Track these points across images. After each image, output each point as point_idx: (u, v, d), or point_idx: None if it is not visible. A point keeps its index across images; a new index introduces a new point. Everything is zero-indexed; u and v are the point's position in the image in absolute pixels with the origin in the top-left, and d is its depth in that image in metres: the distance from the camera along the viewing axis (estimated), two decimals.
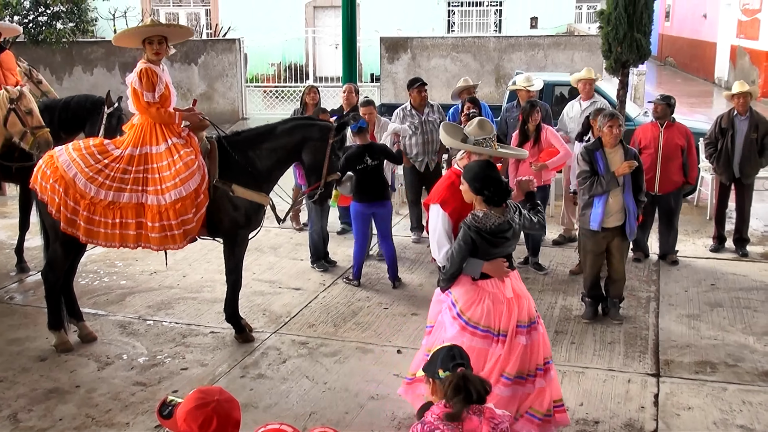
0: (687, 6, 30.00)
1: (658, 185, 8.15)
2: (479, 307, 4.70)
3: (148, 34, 6.19)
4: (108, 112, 8.19)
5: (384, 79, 18.46)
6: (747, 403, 5.53)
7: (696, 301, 7.43)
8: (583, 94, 9.14)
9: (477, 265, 4.65)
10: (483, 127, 4.97)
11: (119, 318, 7.11)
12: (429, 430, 3.13)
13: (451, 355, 3.32)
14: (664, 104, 8.24)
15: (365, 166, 7.64)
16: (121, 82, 18.26)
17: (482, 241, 4.57)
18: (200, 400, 2.78)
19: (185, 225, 6.12)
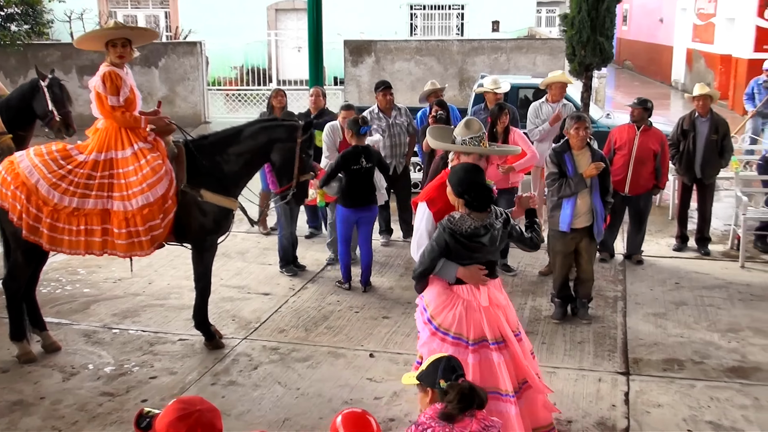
0: (644, 10, 30.49)
1: (628, 187, 8.24)
2: (450, 313, 4.57)
3: (112, 37, 6.07)
4: (46, 84, 8.08)
5: (348, 83, 18.43)
6: (715, 399, 5.61)
7: (661, 300, 7.53)
8: (553, 97, 9.17)
9: (452, 268, 4.55)
10: (470, 127, 4.86)
11: (84, 327, 6.97)
12: (422, 429, 3.21)
13: (451, 366, 3.37)
14: (641, 108, 8.33)
15: (360, 167, 7.61)
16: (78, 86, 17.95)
17: (456, 244, 4.46)
18: (182, 411, 2.73)
19: (153, 231, 6.02)
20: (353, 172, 7.54)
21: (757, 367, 6.11)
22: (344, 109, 8.44)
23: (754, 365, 6.13)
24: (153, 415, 2.84)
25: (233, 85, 20.83)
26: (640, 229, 8.60)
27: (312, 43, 11.76)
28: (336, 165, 7.57)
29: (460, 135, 4.87)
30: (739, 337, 6.64)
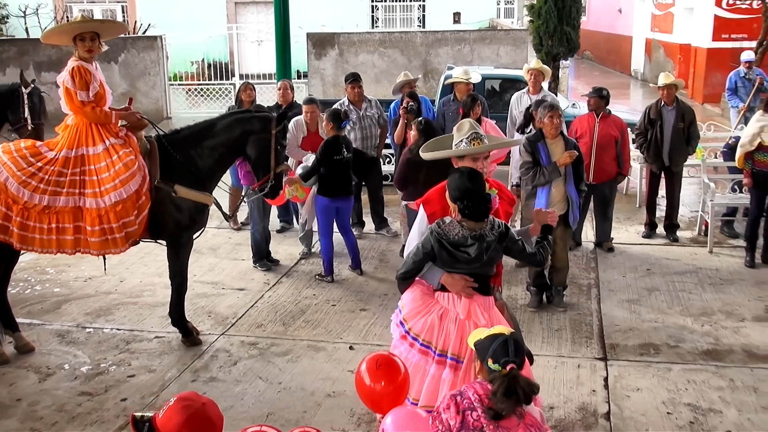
0: (602, 1, 30.82)
1: (592, 175, 8.33)
2: (423, 319, 4.34)
3: (80, 31, 5.94)
4: (27, 92, 7.93)
5: (312, 76, 18.34)
6: (691, 381, 5.72)
7: (634, 287, 7.64)
8: (532, 87, 9.23)
9: (436, 273, 4.34)
10: (461, 129, 4.62)
11: (57, 327, 6.84)
12: (466, 405, 3.09)
13: (505, 349, 3.16)
14: (597, 96, 8.45)
15: (342, 157, 7.62)
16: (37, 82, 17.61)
17: (441, 249, 4.22)
18: (189, 408, 2.71)
19: (127, 228, 5.93)
20: (335, 163, 7.54)
21: (730, 349, 6.23)
22: (307, 103, 8.39)
23: (727, 347, 6.26)
24: (148, 418, 2.80)
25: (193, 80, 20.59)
26: (606, 217, 8.70)
27: (279, 36, 11.67)
28: (320, 156, 7.56)
29: (454, 139, 4.65)
30: (712, 321, 6.77)
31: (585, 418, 5.28)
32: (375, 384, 3.67)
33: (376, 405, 3.74)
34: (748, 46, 17.90)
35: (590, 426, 5.19)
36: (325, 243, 7.85)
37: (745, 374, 5.79)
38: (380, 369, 3.62)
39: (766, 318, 6.81)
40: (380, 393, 3.68)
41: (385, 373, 3.63)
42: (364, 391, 3.74)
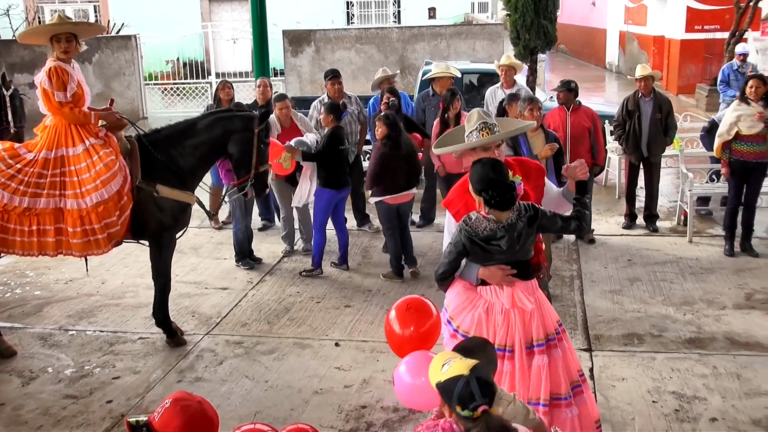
0: None
1: None
2: (469, 314, 4.24)
3: (56, 32, 5.87)
4: (9, 94, 7.83)
5: (288, 73, 18.28)
6: (676, 370, 5.77)
7: (616, 277, 7.70)
8: (505, 82, 9.27)
9: (473, 269, 4.23)
10: (469, 120, 4.43)
11: (39, 330, 6.77)
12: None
13: (469, 392, 2.80)
14: (565, 90, 8.51)
15: (345, 147, 7.69)
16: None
17: (473, 246, 4.11)
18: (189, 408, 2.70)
19: (109, 228, 5.87)
20: (339, 152, 7.59)
21: (712, 337, 6.30)
22: (278, 99, 8.35)
23: (709, 335, 6.32)
24: (144, 422, 2.78)
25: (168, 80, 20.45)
26: None
27: (256, 33, 11.62)
28: (326, 144, 7.61)
29: (465, 131, 4.43)
30: (693, 310, 6.84)
31: None
32: (404, 329, 3.54)
33: (404, 351, 3.57)
34: (721, 37, 18.16)
35: None
36: (320, 238, 7.86)
37: (727, 361, 5.86)
38: (410, 311, 3.53)
39: (747, 306, 6.89)
40: (409, 338, 3.51)
41: (415, 316, 3.53)
42: (393, 338, 3.58)
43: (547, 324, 4.24)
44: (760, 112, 7.67)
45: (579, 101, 8.54)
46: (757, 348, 6.08)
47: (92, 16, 25.78)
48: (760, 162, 7.88)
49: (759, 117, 7.67)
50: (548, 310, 4.31)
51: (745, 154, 7.83)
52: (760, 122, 7.69)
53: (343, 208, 8.12)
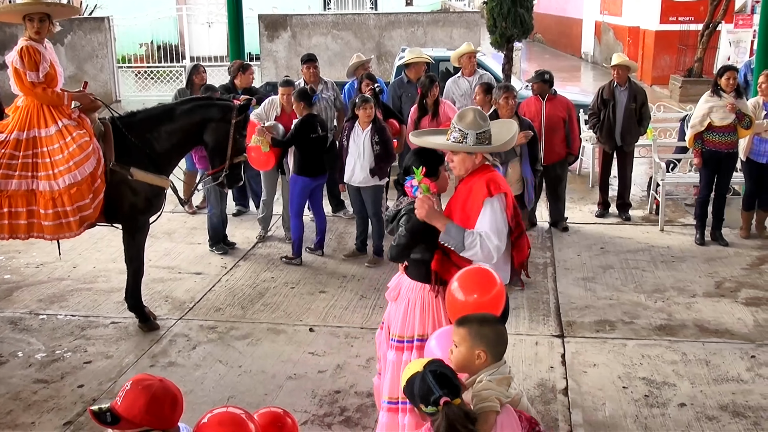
0: None
1: (542, 156, 8.41)
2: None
3: (29, 12, 5.78)
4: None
5: (264, 58, 18.14)
6: (646, 356, 5.85)
7: (589, 265, 7.76)
8: (467, 70, 9.27)
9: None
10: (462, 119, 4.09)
11: (8, 314, 6.69)
12: None
13: (426, 386, 2.76)
14: (540, 81, 8.55)
15: (317, 135, 7.59)
16: None
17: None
18: (150, 388, 2.68)
19: (82, 212, 5.81)
20: (311, 141, 7.51)
21: (682, 324, 6.38)
22: (284, 85, 8.29)
23: (679, 323, 6.41)
24: (107, 408, 2.75)
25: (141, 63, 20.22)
26: (558, 197, 8.82)
27: (232, 17, 11.51)
28: (295, 132, 7.54)
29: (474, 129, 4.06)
30: (664, 297, 6.92)
31: (544, 393, 5.37)
32: (467, 296, 3.47)
33: None
34: (695, 28, 18.31)
35: (549, 401, 5.28)
36: (296, 224, 7.81)
37: (697, 348, 5.94)
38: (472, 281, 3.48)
39: (717, 294, 6.99)
40: (473, 305, 3.40)
41: (479, 283, 3.47)
42: (455, 307, 3.46)
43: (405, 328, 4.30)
44: (731, 103, 7.76)
45: (555, 90, 8.57)
46: (726, 335, 6.18)
47: None
48: (730, 152, 7.99)
49: (731, 108, 7.76)
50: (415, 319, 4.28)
51: (717, 144, 7.93)
52: (732, 113, 7.78)
53: (320, 194, 8.10)
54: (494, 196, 4.03)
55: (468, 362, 3.03)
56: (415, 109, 8.27)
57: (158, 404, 2.67)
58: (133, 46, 21.46)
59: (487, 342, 3.04)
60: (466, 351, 3.03)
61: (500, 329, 3.15)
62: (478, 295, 3.45)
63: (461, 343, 3.05)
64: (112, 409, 2.72)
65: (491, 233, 3.97)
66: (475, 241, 3.97)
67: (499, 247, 3.98)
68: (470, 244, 3.98)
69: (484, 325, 3.09)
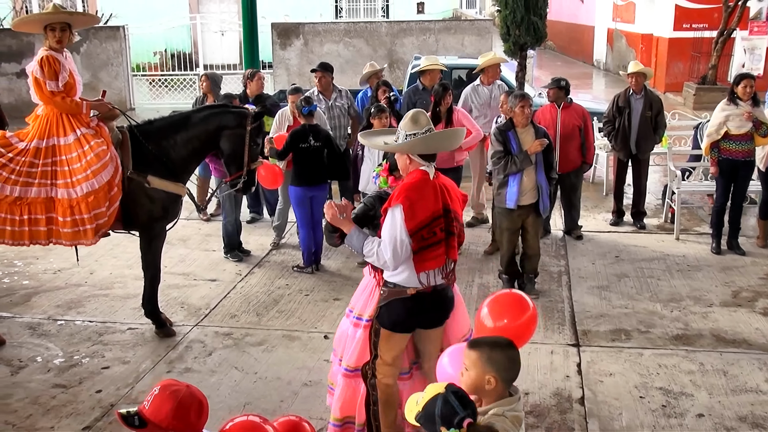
0: None
1: (557, 165, 8.40)
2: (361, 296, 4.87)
3: (50, 21, 5.85)
4: None
5: (277, 66, 18.23)
6: (663, 366, 5.83)
7: (603, 273, 7.75)
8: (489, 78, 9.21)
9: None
10: (415, 121, 4.19)
11: (27, 319, 6.75)
12: None
13: (450, 407, 2.72)
14: (555, 88, 8.54)
15: (308, 145, 7.56)
16: None
17: None
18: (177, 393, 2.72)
19: (98, 219, 5.85)
20: (301, 151, 7.52)
21: (699, 333, 6.36)
22: (292, 93, 8.34)
23: (696, 332, 6.38)
24: (135, 412, 2.79)
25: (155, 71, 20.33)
26: (573, 205, 8.81)
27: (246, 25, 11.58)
28: (286, 144, 7.56)
29: (405, 130, 4.20)
30: (681, 306, 6.90)
31: (560, 403, 5.36)
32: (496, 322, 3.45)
33: None
34: (709, 35, 18.26)
35: (565, 411, 5.27)
36: (304, 234, 7.81)
37: (714, 358, 5.92)
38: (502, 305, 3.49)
39: (733, 303, 6.96)
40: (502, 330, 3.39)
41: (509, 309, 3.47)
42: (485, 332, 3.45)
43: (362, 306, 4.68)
44: (748, 111, 7.73)
45: (570, 98, 8.56)
46: (743, 345, 6.15)
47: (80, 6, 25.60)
48: (747, 160, 7.96)
49: (747, 116, 7.73)
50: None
51: (733, 153, 7.90)
52: (748, 121, 7.75)
53: (319, 206, 7.83)
54: (393, 206, 4.12)
55: (478, 387, 2.96)
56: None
57: (184, 410, 2.71)
58: (147, 55, 21.62)
59: (498, 367, 2.94)
60: (476, 376, 2.96)
61: (512, 354, 3.05)
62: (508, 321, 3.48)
63: (472, 367, 2.98)
64: (139, 413, 2.76)
65: (387, 245, 4.11)
66: (373, 249, 4.17)
67: (390, 260, 4.12)
68: (368, 252, 4.20)
69: (496, 350, 2.99)
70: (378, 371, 4.47)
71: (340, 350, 4.82)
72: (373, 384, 4.52)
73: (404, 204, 4.09)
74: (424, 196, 4.14)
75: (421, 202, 4.13)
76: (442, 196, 4.21)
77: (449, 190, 4.32)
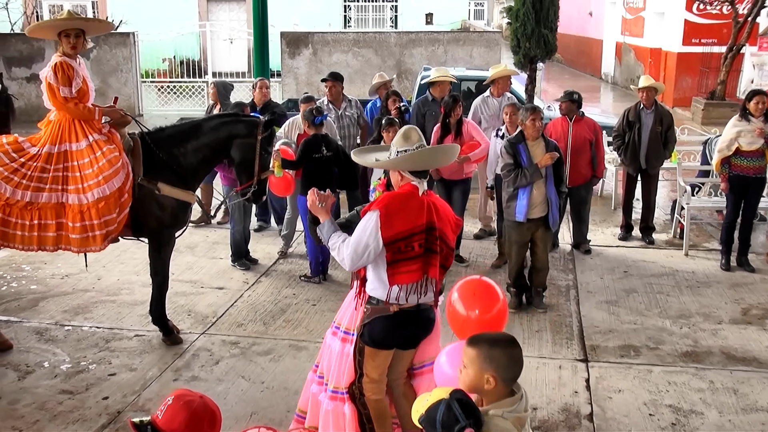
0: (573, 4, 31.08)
1: (567, 178, 8.39)
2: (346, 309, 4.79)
3: (65, 27, 5.86)
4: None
5: (285, 75, 18.27)
6: (672, 383, 5.79)
7: (612, 288, 7.72)
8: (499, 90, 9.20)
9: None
10: (407, 138, 4.19)
11: (35, 324, 6.74)
12: None
13: (452, 414, 2.65)
14: (568, 101, 8.53)
15: (321, 155, 7.54)
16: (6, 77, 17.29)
17: None
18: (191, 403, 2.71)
19: (108, 226, 5.84)
20: (315, 161, 7.50)
21: (709, 351, 6.32)
22: (304, 101, 8.34)
23: (706, 349, 6.35)
24: (148, 421, 2.78)
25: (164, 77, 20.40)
26: (582, 219, 8.80)
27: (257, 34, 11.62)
28: (300, 153, 7.53)
29: (397, 146, 4.21)
30: (690, 323, 6.86)
31: (568, 419, 5.33)
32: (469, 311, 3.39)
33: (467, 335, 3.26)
34: (718, 51, 18.27)
35: (574, 427, 5.24)
36: (312, 243, 7.78)
37: (724, 376, 5.88)
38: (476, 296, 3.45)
39: (743, 320, 6.92)
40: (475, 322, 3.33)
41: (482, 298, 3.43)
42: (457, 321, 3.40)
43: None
44: (760, 128, 7.71)
45: (582, 112, 8.56)
46: (753, 363, 6.11)
47: (90, 12, 25.72)
48: (759, 177, 7.93)
49: (759, 133, 7.71)
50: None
51: (744, 169, 7.88)
52: (760, 138, 7.73)
53: None
54: (371, 210, 4.16)
55: (477, 386, 2.83)
56: (438, 129, 8.27)
57: (198, 420, 2.70)
58: (156, 61, 21.72)
59: (497, 366, 2.79)
60: (474, 374, 2.83)
61: (513, 353, 2.88)
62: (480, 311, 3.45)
63: (470, 364, 2.84)
64: (153, 422, 2.75)
65: (350, 244, 4.15)
66: (336, 243, 4.23)
67: (348, 259, 4.16)
68: (332, 245, 4.27)
69: (495, 347, 2.83)
70: (365, 389, 4.43)
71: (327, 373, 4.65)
72: (363, 403, 4.46)
73: (381, 211, 4.11)
74: (405, 209, 4.14)
75: (401, 214, 4.12)
76: (427, 213, 4.17)
77: (439, 210, 4.26)
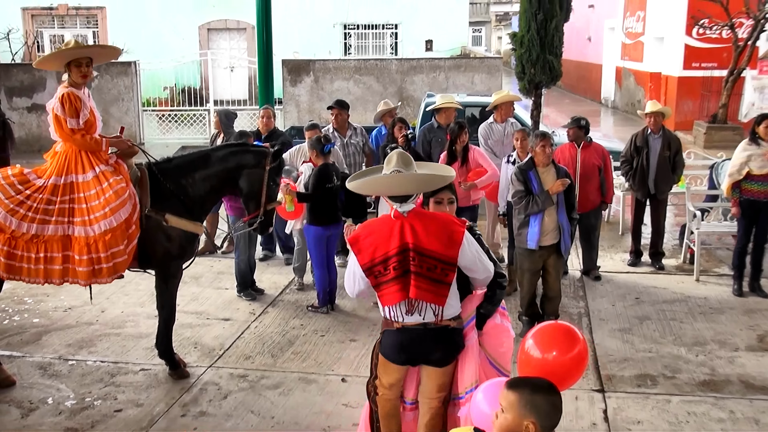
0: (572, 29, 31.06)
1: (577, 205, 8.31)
2: None
3: (75, 57, 5.81)
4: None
5: (287, 102, 18.27)
6: (692, 414, 5.65)
7: (624, 315, 7.60)
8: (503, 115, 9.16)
9: None
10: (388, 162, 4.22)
11: (38, 359, 6.60)
12: None
13: None
14: (576, 127, 8.47)
15: (333, 185, 7.47)
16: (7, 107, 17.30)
17: None
18: None
19: (115, 258, 5.74)
20: (327, 191, 7.41)
21: (727, 379, 6.19)
22: (310, 129, 8.29)
23: (724, 378, 6.22)
24: None
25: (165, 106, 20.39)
26: (592, 245, 8.70)
27: (262, 63, 11.59)
28: (314, 183, 7.44)
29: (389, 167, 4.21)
30: (706, 351, 6.74)
31: None
32: (545, 354, 3.19)
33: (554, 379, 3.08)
34: (719, 74, 18.29)
35: None
36: (319, 274, 7.67)
37: (744, 406, 5.74)
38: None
39: (760, 348, 6.80)
40: (552, 364, 3.15)
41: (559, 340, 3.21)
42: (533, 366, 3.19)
43: None
44: None
45: (590, 138, 8.50)
46: None
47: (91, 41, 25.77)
48: None
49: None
50: None
51: (755, 193, 7.79)
52: None
53: (334, 244, 7.88)
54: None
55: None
56: (444, 156, 8.21)
57: None
58: (156, 90, 21.71)
59: (539, 413, 2.72)
60: (513, 419, 2.75)
61: (555, 399, 2.81)
62: (557, 353, 3.25)
63: (509, 409, 2.77)
64: None
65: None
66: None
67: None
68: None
69: (538, 393, 2.77)
70: (378, 389, 4.45)
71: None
72: (374, 400, 4.48)
73: (351, 240, 4.24)
74: (373, 234, 4.19)
75: (369, 240, 4.18)
76: (401, 236, 4.11)
77: (417, 229, 4.12)
